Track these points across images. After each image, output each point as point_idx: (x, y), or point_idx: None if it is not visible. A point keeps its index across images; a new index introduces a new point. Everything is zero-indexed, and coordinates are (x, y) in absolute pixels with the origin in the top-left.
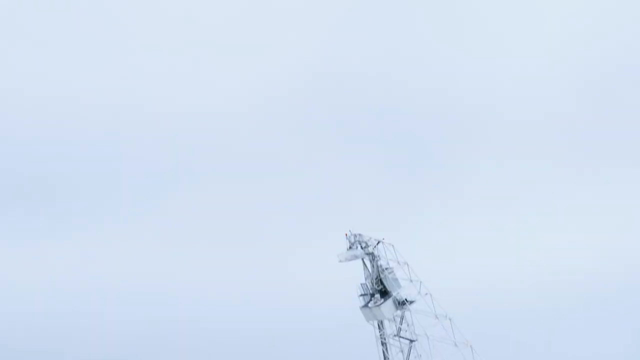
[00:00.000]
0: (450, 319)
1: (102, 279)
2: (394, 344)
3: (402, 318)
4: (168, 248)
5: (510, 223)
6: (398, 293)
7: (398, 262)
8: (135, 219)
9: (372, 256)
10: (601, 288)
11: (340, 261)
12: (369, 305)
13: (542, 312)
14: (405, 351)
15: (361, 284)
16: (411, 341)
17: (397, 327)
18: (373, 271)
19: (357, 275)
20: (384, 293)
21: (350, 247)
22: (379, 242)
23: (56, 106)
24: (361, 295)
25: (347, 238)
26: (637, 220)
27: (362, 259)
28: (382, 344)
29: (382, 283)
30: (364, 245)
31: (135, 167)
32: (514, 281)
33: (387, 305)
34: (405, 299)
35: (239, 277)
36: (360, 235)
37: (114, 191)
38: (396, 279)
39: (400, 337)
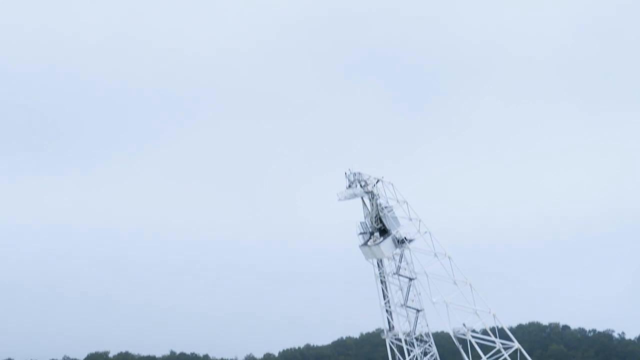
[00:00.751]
0: (449, 257)
1: (105, 216)
2: (393, 282)
3: (401, 256)
4: (171, 185)
5: (512, 162)
6: (397, 231)
7: (397, 201)
8: (139, 155)
9: (372, 195)
10: (602, 228)
11: (340, 200)
12: (369, 243)
13: (541, 251)
14: (405, 289)
15: (360, 223)
16: (410, 279)
17: (397, 265)
18: (372, 210)
19: (356, 213)
20: (383, 231)
21: (349, 186)
22: (378, 181)
23: (60, 42)
24: (360, 233)
25: (346, 177)
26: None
27: (362, 198)
28: (382, 282)
29: (381, 221)
30: (363, 183)
31: (139, 104)
32: (514, 220)
33: (387, 244)
34: (405, 237)
35: (240, 217)
36: (359, 173)
37: (117, 127)
38: (395, 218)
39: (399, 275)
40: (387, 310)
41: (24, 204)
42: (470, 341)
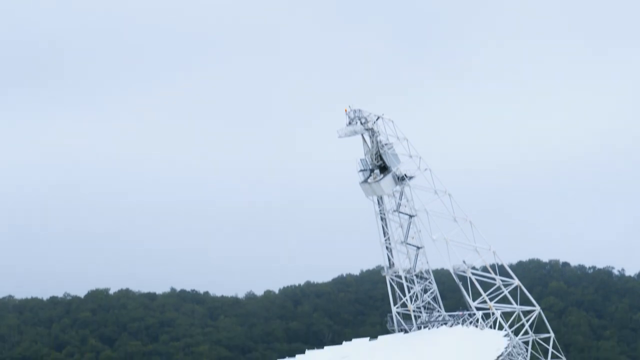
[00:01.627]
0: (449, 195)
1: (109, 154)
2: (393, 220)
3: (401, 193)
4: (177, 122)
5: (512, 100)
6: (397, 168)
7: (397, 138)
8: (144, 92)
9: (372, 132)
10: (604, 166)
11: (340, 137)
12: (369, 180)
13: (543, 189)
14: (405, 226)
15: (360, 160)
16: (410, 216)
17: (397, 202)
18: (372, 147)
19: (356, 151)
20: (384, 169)
21: (349, 123)
22: (378, 118)
23: None
24: (361, 170)
25: (346, 114)
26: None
27: (362, 135)
28: (382, 219)
29: (381, 159)
30: (363, 120)
31: (144, 39)
32: (514, 158)
33: (387, 181)
34: (405, 175)
35: (241, 155)
36: (359, 110)
37: (124, 63)
38: (395, 155)
39: (399, 212)
40: (387, 248)
41: (26, 141)
42: (470, 278)
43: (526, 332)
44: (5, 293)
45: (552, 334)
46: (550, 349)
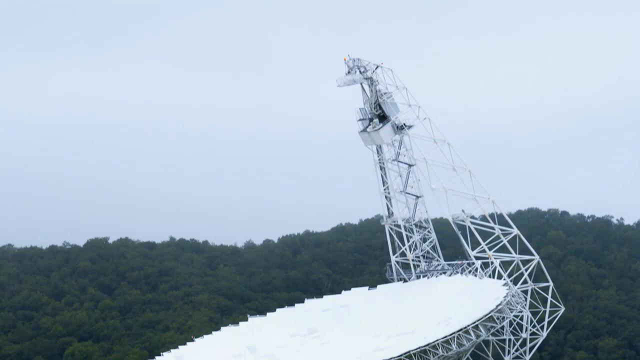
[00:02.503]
0: (448, 144)
1: (108, 103)
2: (392, 169)
3: (400, 142)
4: (178, 73)
5: (511, 51)
6: (396, 117)
7: (397, 87)
8: (145, 42)
9: (371, 81)
10: (603, 114)
11: (339, 86)
12: (368, 130)
13: (542, 137)
14: (404, 175)
15: (360, 109)
16: (409, 165)
17: (396, 151)
18: (371, 96)
19: (356, 100)
20: (383, 118)
21: (348, 72)
22: (377, 67)
23: None
24: (360, 120)
25: (345, 63)
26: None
27: (361, 84)
28: (381, 168)
29: (380, 108)
30: (362, 69)
31: None
32: (514, 107)
33: (386, 130)
34: (404, 124)
35: (241, 104)
36: (359, 59)
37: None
38: (395, 104)
39: (398, 161)
40: (386, 197)
41: (27, 90)
42: (469, 227)
43: (525, 281)
44: (4, 242)
45: (550, 283)
46: (549, 298)
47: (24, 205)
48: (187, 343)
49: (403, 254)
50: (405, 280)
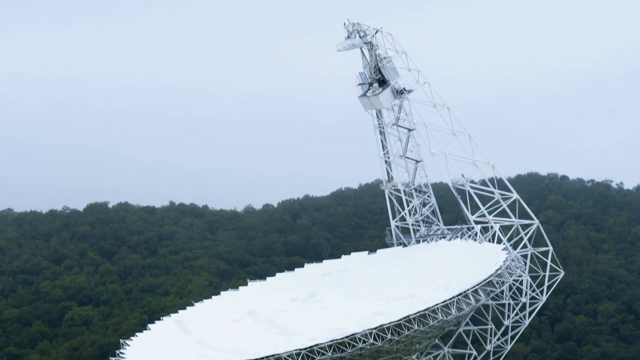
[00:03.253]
0: (448, 108)
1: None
2: (392, 133)
3: (400, 107)
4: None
5: (511, 14)
6: (396, 82)
7: (396, 51)
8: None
9: (371, 45)
10: (604, 77)
11: (339, 50)
12: (367, 94)
13: (541, 103)
14: (404, 140)
15: (359, 73)
16: (409, 130)
17: (396, 116)
18: (371, 60)
19: (356, 64)
20: (382, 82)
21: (348, 37)
22: (377, 31)
23: None
24: (360, 84)
25: (345, 27)
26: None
27: (360, 48)
28: (381, 133)
29: (380, 72)
30: (362, 34)
31: None
32: (515, 72)
33: (385, 94)
34: (404, 88)
35: (241, 70)
36: (358, 24)
37: None
38: (394, 68)
39: (398, 126)
40: (386, 162)
41: (27, 54)
42: (468, 192)
43: (525, 246)
44: (4, 206)
45: (550, 248)
46: (549, 263)
47: (23, 169)
48: (187, 307)
49: (403, 219)
50: (404, 245)
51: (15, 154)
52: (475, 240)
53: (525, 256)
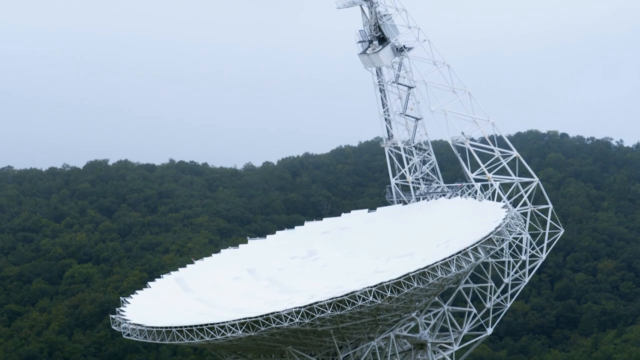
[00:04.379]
0: (448, 66)
1: (107, 20)
2: (392, 91)
3: (400, 65)
4: None
5: None
6: (396, 39)
7: (396, 9)
8: None
9: (370, 2)
10: (603, 39)
11: (338, 7)
12: (367, 52)
13: (542, 60)
14: (404, 98)
15: (359, 31)
16: (409, 87)
17: (396, 74)
18: (371, 18)
19: (355, 22)
20: (382, 40)
21: None
22: None
23: None
24: (359, 42)
25: None
26: None
27: (360, 6)
28: (381, 90)
29: (380, 30)
30: None
31: None
32: (513, 29)
33: (385, 52)
34: (404, 46)
35: (241, 25)
36: None
37: None
38: (394, 26)
39: (398, 83)
40: (385, 119)
41: (24, 6)
42: (468, 149)
43: (524, 204)
44: (4, 164)
45: (550, 205)
46: (549, 220)
47: (23, 127)
48: (187, 265)
49: (403, 177)
50: (404, 203)
51: (15, 111)
52: (475, 198)
53: (525, 214)
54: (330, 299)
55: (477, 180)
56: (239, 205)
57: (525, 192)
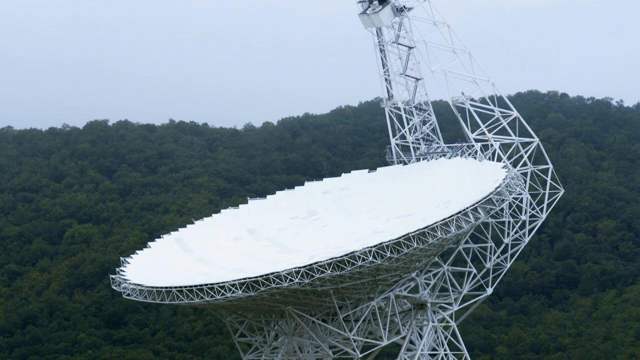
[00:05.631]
0: (448, 26)
1: None
2: (392, 51)
3: (400, 25)
4: None
5: None
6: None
7: None
8: None
9: None
10: None
11: None
12: (368, 12)
13: (543, 18)
14: (404, 58)
15: None
16: (409, 48)
17: (396, 34)
18: None
19: None
20: (383, 0)
21: None
22: None
23: None
24: (360, 1)
25: None
26: None
27: None
28: (381, 51)
29: None
30: None
31: None
32: None
33: (386, 12)
34: (404, 6)
35: None
36: None
37: None
38: None
39: (398, 44)
40: (386, 79)
41: None
42: (468, 110)
43: (524, 164)
44: (4, 124)
45: (550, 166)
46: (549, 180)
47: (23, 86)
48: (187, 225)
49: (403, 137)
50: (405, 163)
51: (15, 71)
52: (475, 158)
53: (525, 174)
54: (329, 259)
55: (477, 141)
56: (239, 166)
57: (526, 152)
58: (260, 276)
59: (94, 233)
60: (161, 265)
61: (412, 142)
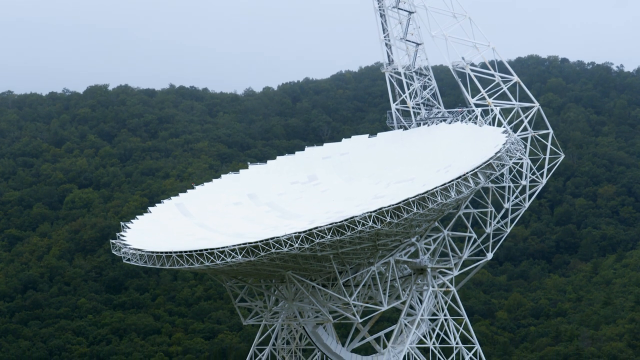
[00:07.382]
0: None
1: None
2: (392, 16)
3: None
4: None
5: None
6: None
7: None
8: None
9: None
10: None
11: None
12: None
13: None
14: (404, 23)
15: None
16: (410, 12)
17: None
18: None
19: None
20: None
21: None
22: None
23: None
24: None
25: None
26: None
27: None
28: (381, 15)
29: None
30: None
31: None
32: None
33: None
34: None
35: None
36: None
37: None
38: None
39: (399, 8)
40: (386, 44)
41: None
42: (469, 75)
43: (525, 129)
44: (4, 88)
45: (550, 130)
46: (549, 145)
47: (24, 51)
48: (187, 190)
49: (403, 102)
50: (405, 128)
51: (15, 35)
52: (475, 123)
53: (525, 139)
54: (329, 224)
55: (477, 106)
56: (239, 131)
57: (526, 117)
58: (260, 241)
59: (94, 198)
60: (161, 230)
61: (413, 107)
